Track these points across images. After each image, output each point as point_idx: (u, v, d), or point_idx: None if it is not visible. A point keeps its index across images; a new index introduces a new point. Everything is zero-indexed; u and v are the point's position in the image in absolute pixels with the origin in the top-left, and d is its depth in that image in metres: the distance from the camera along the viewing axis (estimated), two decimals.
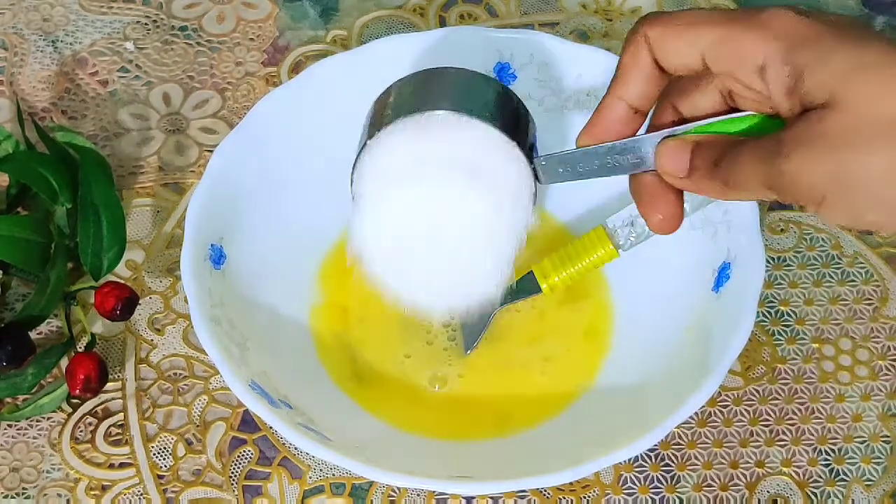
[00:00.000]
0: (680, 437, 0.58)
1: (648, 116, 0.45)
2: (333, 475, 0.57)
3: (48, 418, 0.58)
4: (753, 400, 0.59)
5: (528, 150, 0.49)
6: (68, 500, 0.56)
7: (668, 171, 0.43)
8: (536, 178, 0.49)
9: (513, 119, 0.49)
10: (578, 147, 0.46)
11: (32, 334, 0.58)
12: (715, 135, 0.42)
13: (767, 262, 0.60)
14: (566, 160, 0.47)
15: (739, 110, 0.43)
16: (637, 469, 0.57)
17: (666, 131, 0.43)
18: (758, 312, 0.53)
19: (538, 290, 0.58)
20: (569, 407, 0.57)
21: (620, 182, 0.49)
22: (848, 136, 0.35)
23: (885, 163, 0.35)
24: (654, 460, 0.57)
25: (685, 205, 0.53)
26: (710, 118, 0.43)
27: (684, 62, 0.41)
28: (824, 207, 0.37)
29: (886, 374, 0.60)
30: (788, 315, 0.61)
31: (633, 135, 0.45)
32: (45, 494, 0.56)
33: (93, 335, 0.59)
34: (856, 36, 0.37)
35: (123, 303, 0.58)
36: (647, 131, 0.45)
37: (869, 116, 0.35)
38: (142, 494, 0.56)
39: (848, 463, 0.57)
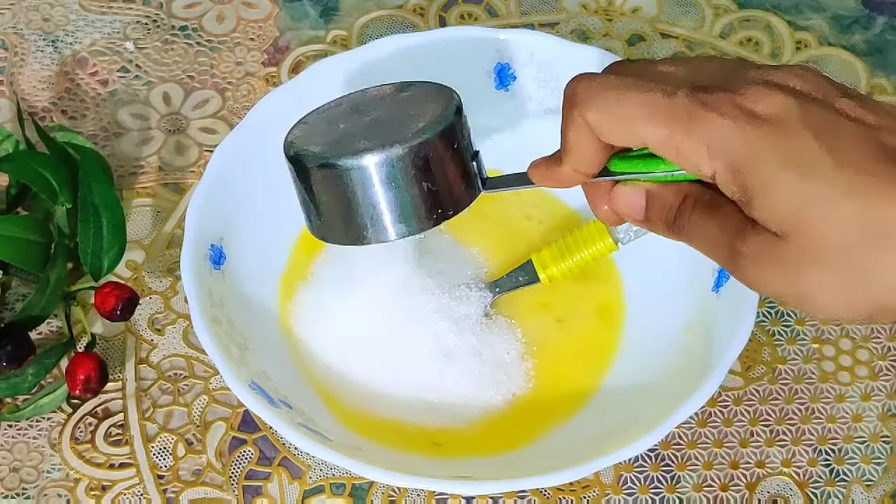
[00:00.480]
0: (680, 437, 0.58)
1: None
2: (333, 475, 0.57)
3: (48, 418, 0.58)
4: (754, 400, 0.59)
5: (470, 166, 0.48)
6: (68, 501, 0.56)
7: (623, 213, 0.43)
8: (481, 184, 0.48)
9: (455, 175, 0.47)
10: (529, 176, 0.46)
11: (32, 334, 0.58)
12: (666, 184, 0.41)
13: None
14: (510, 181, 0.48)
15: None
16: (637, 469, 0.57)
17: (616, 178, 0.43)
18: (758, 312, 0.54)
19: (536, 279, 0.58)
20: (576, 413, 0.57)
21: None
22: (800, 260, 0.36)
23: (835, 280, 0.36)
24: (654, 460, 0.57)
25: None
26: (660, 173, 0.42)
27: (627, 144, 0.40)
28: (786, 307, 0.38)
29: (886, 375, 0.60)
30: (789, 315, 0.61)
31: None
32: (46, 495, 0.56)
33: (93, 335, 0.59)
34: (798, 156, 0.36)
35: (123, 303, 0.58)
36: None
37: (820, 247, 0.36)
38: (142, 494, 0.56)
39: (848, 463, 0.57)
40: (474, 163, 0.48)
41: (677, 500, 0.56)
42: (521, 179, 0.47)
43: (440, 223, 0.47)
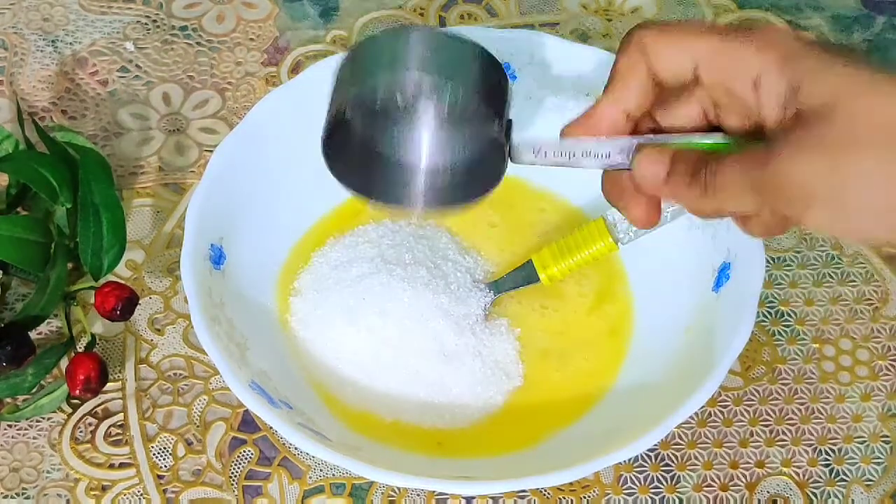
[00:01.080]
0: (680, 437, 0.58)
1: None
2: (333, 475, 0.57)
3: (48, 418, 0.58)
4: (753, 400, 0.59)
5: (505, 130, 0.46)
6: (68, 501, 0.56)
7: (646, 175, 0.43)
8: (509, 156, 0.46)
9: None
10: (562, 136, 0.45)
11: (32, 334, 0.58)
12: (691, 149, 0.42)
13: (767, 262, 0.60)
14: (538, 146, 0.46)
15: (716, 128, 0.43)
16: (637, 469, 0.57)
17: (639, 138, 0.43)
18: (758, 312, 0.53)
19: (536, 279, 0.58)
20: (575, 414, 0.57)
21: None
22: (844, 140, 0.36)
23: (879, 167, 0.36)
24: (654, 460, 0.57)
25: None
26: (686, 134, 0.43)
27: (677, 70, 0.42)
28: (812, 210, 0.37)
29: (886, 375, 0.60)
30: (788, 315, 0.61)
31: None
32: (45, 494, 0.56)
33: (93, 335, 0.59)
34: (846, 54, 0.38)
35: (123, 303, 0.58)
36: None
37: (866, 124, 0.36)
38: (142, 494, 0.56)
39: (848, 463, 0.57)
40: (508, 142, 0.46)
41: (677, 500, 0.56)
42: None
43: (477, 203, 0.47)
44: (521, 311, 0.60)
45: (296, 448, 0.57)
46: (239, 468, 0.57)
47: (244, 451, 0.57)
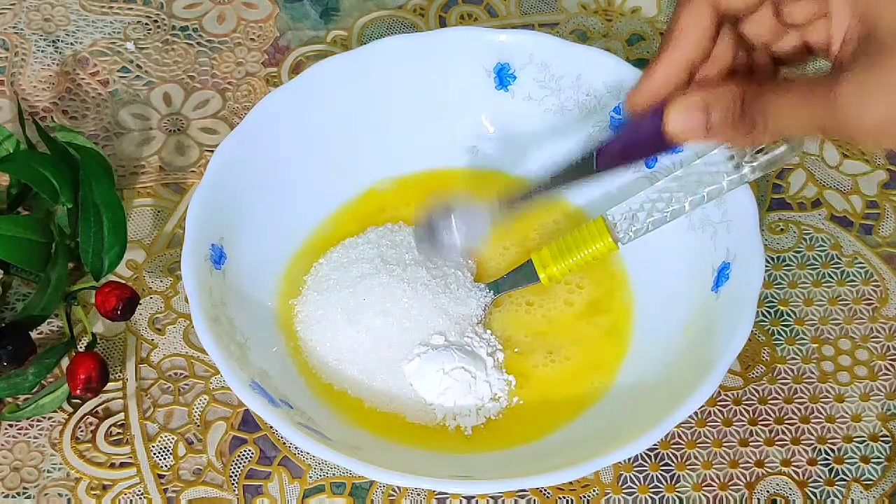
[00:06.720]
0: (680, 437, 0.58)
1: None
2: (334, 474, 0.57)
3: (49, 418, 0.58)
4: (753, 400, 0.59)
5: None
6: (69, 500, 0.56)
7: (684, 129, 0.42)
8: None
9: None
10: (627, 106, 0.47)
11: (33, 334, 0.58)
12: (726, 88, 0.42)
13: (767, 261, 0.61)
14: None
15: None
16: (637, 468, 0.57)
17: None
18: (757, 312, 0.54)
19: (536, 279, 0.59)
20: (575, 414, 0.57)
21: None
22: None
23: None
24: (653, 460, 0.57)
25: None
26: None
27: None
28: (883, 140, 0.38)
29: (886, 375, 0.60)
30: (788, 315, 0.62)
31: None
32: (46, 494, 0.56)
33: (94, 335, 0.59)
34: None
35: (124, 303, 0.58)
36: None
37: None
38: (142, 494, 0.56)
39: (847, 463, 0.57)
40: None
41: (677, 500, 0.56)
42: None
43: None
44: (521, 311, 0.60)
45: (296, 447, 0.57)
46: (239, 467, 0.57)
47: (245, 451, 0.57)
